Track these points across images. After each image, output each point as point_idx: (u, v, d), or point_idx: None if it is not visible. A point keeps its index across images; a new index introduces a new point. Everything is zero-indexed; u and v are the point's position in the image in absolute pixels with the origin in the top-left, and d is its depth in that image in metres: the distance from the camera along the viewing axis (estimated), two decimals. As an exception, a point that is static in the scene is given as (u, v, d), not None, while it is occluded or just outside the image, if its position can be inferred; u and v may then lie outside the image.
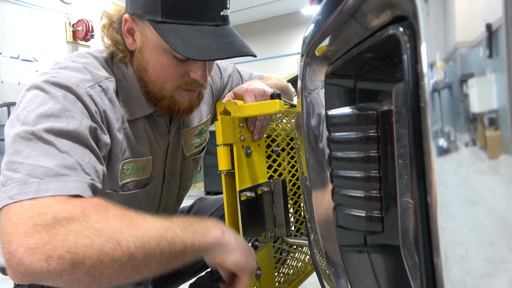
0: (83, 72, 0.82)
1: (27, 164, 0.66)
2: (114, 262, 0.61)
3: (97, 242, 0.60)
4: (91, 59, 0.88)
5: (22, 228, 0.59)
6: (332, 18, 0.49)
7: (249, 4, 8.41)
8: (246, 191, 0.88)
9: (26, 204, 0.62)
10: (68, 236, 0.60)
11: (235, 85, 1.20)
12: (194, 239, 0.70)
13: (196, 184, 5.11)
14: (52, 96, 0.74)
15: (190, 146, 1.11)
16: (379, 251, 0.51)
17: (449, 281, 0.31)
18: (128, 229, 0.64)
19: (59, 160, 0.68)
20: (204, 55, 0.78)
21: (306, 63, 0.58)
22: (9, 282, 1.04)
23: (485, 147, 0.28)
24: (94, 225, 0.62)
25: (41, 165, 0.66)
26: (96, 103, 0.80)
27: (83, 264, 0.59)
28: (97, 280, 0.61)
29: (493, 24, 0.26)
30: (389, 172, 0.47)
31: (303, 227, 1.17)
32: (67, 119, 0.73)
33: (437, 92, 0.31)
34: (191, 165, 1.14)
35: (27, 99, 0.76)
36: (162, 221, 0.69)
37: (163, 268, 0.68)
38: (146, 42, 0.85)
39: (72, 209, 0.63)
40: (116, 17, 0.90)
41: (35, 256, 0.58)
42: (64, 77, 0.78)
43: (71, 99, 0.76)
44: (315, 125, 0.56)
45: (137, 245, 0.63)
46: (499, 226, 0.27)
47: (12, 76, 5.53)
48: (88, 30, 6.24)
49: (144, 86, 0.90)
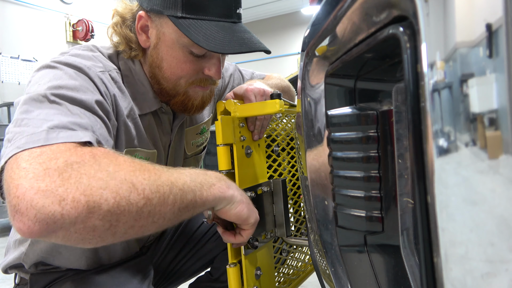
0: (93, 60, 0.83)
1: (38, 119, 0.64)
2: (131, 206, 0.57)
3: (112, 184, 0.57)
4: (97, 53, 0.89)
5: (31, 172, 0.55)
6: (332, 18, 0.49)
7: (249, 4, 8.41)
8: (246, 191, 0.88)
9: (36, 151, 0.58)
10: (81, 178, 0.55)
11: (236, 84, 1.20)
12: (202, 190, 0.69)
13: (196, 184, 5.10)
14: (65, 72, 0.74)
15: (192, 145, 1.11)
16: (379, 251, 0.51)
17: (449, 281, 0.31)
18: (141, 172, 0.61)
19: (71, 118, 0.66)
20: (227, 49, 0.80)
21: (306, 63, 0.58)
22: (9, 282, 1.04)
23: (485, 147, 0.28)
24: (107, 168, 0.58)
25: (52, 120, 0.64)
26: (107, 87, 0.81)
27: (99, 207, 0.55)
28: (113, 227, 0.57)
29: (493, 24, 0.26)
30: (389, 172, 0.47)
31: (303, 227, 1.17)
32: (79, 91, 0.72)
33: (437, 92, 0.31)
34: (192, 164, 1.15)
35: (38, 76, 0.75)
36: (171, 170, 0.67)
37: (175, 218, 0.65)
38: (163, 39, 0.86)
39: (82, 154, 0.59)
40: (129, 15, 0.90)
41: (48, 199, 0.52)
42: (75, 60, 0.78)
43: (83, 77, 0.76)
44: (315, 125, 0.56)
45: (152, 188, 0.60)
46: (499, 226, 0.27)
47: (12, 76, 5.53)
48: (88, 30, 6.24)
49: (157, 83, 0.90)
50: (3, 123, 4.64)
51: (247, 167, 0.91)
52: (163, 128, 0.98)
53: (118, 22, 0.90)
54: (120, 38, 0.90)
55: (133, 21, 0.89)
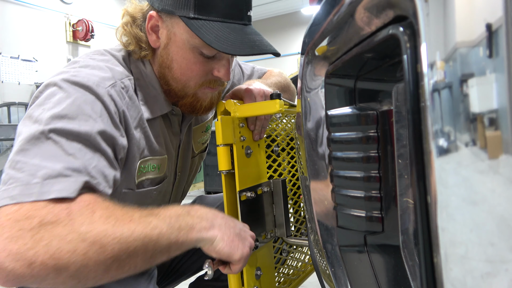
0: (104, 70, 0.82)
1: (31, 164, 0.66)
2: (98, 266, 0.62)
3: (81, 247, 0.61)
4: (109, 57, 0.88)
5: (7, 231, 0.59)
6: (332, 18, 0.49)
7: (249, 4, 8.40)
8: (246, 191, 0.88)
9: (17, 207, 0.62)
10: (52, 241, 0.60)
11: (236, 80, 1.21)
12: (178, 236, 0.70)
13: (196, 184, 5.11)
14: (69, 96, 0.74)
15: (199, 143, 1.12)
16: (379, 251, 0.51)
17: (449, 281, 0.31)
18: (113, 230, 0.64)
19: (65, 162, 0.68)
20: (238, 50, 0.80)
21: (306, 63, 0.58)
22: (9, 282, 1.04)
23: (485, 147, 0.28)
24: (79, 228, 0.62)
25: (45, 166, 0.66)
26: (116, 103, 0.80)
27: (67, 269, 0.60)
28: (82, 282, 0.62)
29: (493, 24, 0.26)
30: (389, 172, 0.47)
31: (303, 227, 1.17)
32: (81, 121, 0.72)
33: (437, 92, 0.31)
34: (197, 162, 1.16)
35: (44, 96, 0.75)
36: (149, 218, 0.69)
37: (148, 264, 0.69)
38: (174, 39, 0.85)
39: (58, 212, 0.63)
40: (139, 14, 0.89)
41: (17, 262, 0.58)
42: (84, 76, 0.78)
43: (90, 99, 0.75)
44: (315, 125, 0.56)
45: (122, 247, 0.63)
46: (499, 226, 0.27)
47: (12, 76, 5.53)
48: (88, 30, 6.24)
49: (166, 84, 0.90)
50: (3, 123, 4.64)
51: (247, 167, 0.91)
52: (173, 130, 0.98)
53: (129, 21, 0.90)
54: (130, 38, 0.90)
55: (144, 20, 0.89)
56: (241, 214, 0.87)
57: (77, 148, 0.70)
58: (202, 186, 4.85)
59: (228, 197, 0.88)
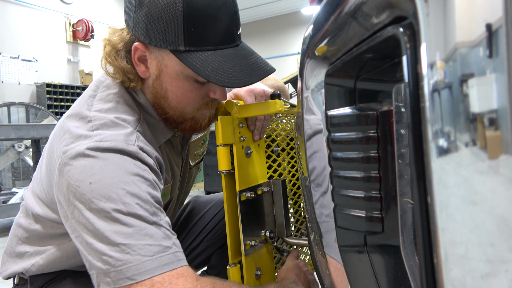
0: (121, 126, 0.80)
1: (132, 244, 0.70)
2: None
3: None
4: (113, 103, 0.85)
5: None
6: (332, 19, 0.49)
7: (249, 4, 8.41)
8: (246, 191, 0.88)
9: (147, 283, 0.68)
10: None
11: None
12: None
13: (196, 184, 5.12)
14: (108, 163, 0.74)
15: (195, 156, 1.12)
16: (379, 251, 0.51)
17: (449, 281, 0.31)
18: None
19: (156, 236, 0.72)
20: (238, 82, 0.78)
21: (306, 63, 0.58)
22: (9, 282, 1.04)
23: (485, 147, 0.28)
24: None
25: (145, 243, 0.70)
26: (149, 154, 0.80)
27: None
28: None
29: (493, 24, 0.26)
30: (389, 172, 0.47)
31: (303, 227, 1.17)
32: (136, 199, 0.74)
33: (437, 92, 0.31)
34: (194, 173, 1.17)
35: (78, 170, 0.73)
36: None
37: None
38: (165, 70, 0.82)
39: (203, 283, 0.72)
40: (121, 44, 0.84)
41: None
42: (110, 139, 0.76)
43: (128, 162, 0.75)
44: (315, 125, 0.56)
45: None
46: (499, 226, 0.27)
47: (12, 76, 5.53)
48: (88, 30, 6.24)
49: (163, 113, 0.88)
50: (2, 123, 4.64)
51: (247, 167, 0.91)
52: (175, 150, 0.98)
53: (111, 53, 0.85)
54: (115, 69, 0.86)
55: (127, 50, 0.84)
56: (241, 214, 0.87)
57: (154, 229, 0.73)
58: (202, 186, 4.86)
59: (228, 197, 0.88)
